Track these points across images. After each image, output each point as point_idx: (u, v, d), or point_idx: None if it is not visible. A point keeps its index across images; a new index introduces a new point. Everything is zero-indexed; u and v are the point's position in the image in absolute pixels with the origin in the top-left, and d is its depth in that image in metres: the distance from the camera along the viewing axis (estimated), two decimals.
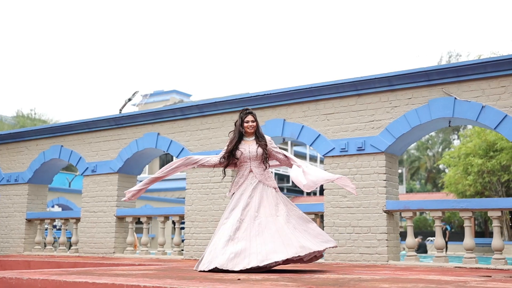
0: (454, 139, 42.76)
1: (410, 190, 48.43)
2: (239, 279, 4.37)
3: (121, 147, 10.46)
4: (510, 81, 7.06)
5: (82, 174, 10.95)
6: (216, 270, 5.24)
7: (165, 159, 36.79)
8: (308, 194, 40.97)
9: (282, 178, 38.25)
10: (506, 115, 6.98)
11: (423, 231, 30.42)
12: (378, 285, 3.95)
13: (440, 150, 45.21)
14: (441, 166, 40.35)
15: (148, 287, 3.79)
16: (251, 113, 5.94)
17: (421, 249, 23.45)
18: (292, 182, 36.83)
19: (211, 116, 9.48)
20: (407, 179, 49.48)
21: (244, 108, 6.03)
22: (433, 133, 45.90)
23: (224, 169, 6.06)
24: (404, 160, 48.70)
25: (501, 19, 66.14)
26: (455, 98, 7.37)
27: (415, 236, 25.71)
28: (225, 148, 5.98)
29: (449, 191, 25.93)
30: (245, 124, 5.91)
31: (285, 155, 5.95)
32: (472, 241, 7.23)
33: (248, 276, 4.74)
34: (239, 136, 5.91)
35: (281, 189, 38.59)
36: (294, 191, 40.52)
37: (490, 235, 26.58)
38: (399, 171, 49.24)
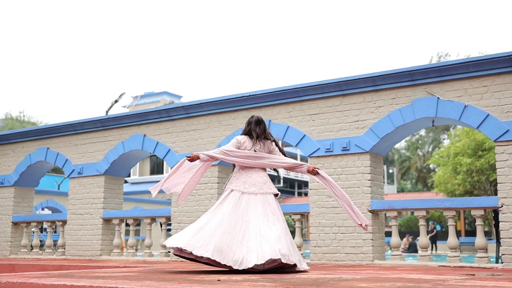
0: (444, 139, 42.97)
1: (401, 190, 48.64)
2: (219, 280, 4.36)
3: (108, 149, 10.43)
4: (492, 80, 7.10)
5: (69, 176, 10.90)
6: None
7: (156, 161, 36.73)
8: (299, 194, 41.01)
9: (272, 179, 38.26)
10: (488, 114, 7.01)
11: (414, 230, 30.52)
12: (357, 285, 3.96)
13: (430, 149, 45.43)
14: (431, 166, 40.55)
15: None
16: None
17: (412, 248, 23.58)
18: (283, 182, 36.80)
19: (197, 117, 9.47)
20: (398, 179, 49.66)
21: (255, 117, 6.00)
22: (423, 133, 46.12)
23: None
24: (395, 160, 48.90)
25: (491, 19, 66.58)
26: (438, 98, 7.40)
27: (405, 236, 25.85)
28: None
29: (439, 191, 26.08)
30: None
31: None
32: (455, 240, 7.27)
33: (229, 277, 4.74)
34: None
35: None
36: (285, 191, 40.56)
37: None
38: (390, 171, 49.49)
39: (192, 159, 5.83)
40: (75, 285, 4.05)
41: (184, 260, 6.12)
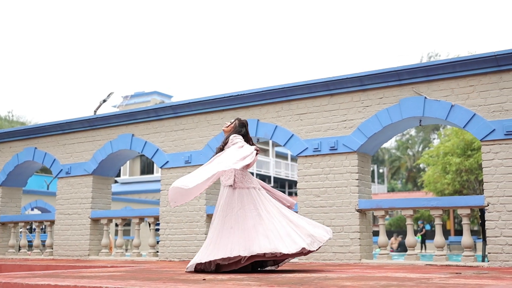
0: (434, 138, 43.18)
1: (391, 190, 48.82)
2: (204, 279, 4.36)
3: (96, 148, 10.38)
4: (478, 80, 7.14)
5: (56, 176, 10.84)
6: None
7: (146, 161, 36.60)
8: (290, 194, 41.01)
9: (263, 179, 38.22)
10: (475, 114, 7.05)
11: (404, 230, 30.65)
12: (341, 283, 3.97)
13: (420, 149, 45.64)
14: (421, 165, 40.75)
15: None
16: (235, 118, 6.16)
17: (401, 247, 23.69)
18: (273, 182, 36.76)
19: (185, 117, 9.46)
20: (388, 179, 49.83)
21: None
22: (413, 133, 46.33)
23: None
24: (385, 159, 49.08)
25: (482, 19, 66.99)
26: (425, 98, 7.43)
27: (393, 235, 25.94)
28: None
29: (428, 190, 26.21)
30: None
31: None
32: (442, 239, 7.31)
33: (214, 276, 4.74)
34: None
35: None
36: None
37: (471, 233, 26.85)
38: (380, 170, 49.64)
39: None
40: (59, 284, 4.04)
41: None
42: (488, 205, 6.83)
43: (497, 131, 6.88)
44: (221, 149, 5.87)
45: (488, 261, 6.85)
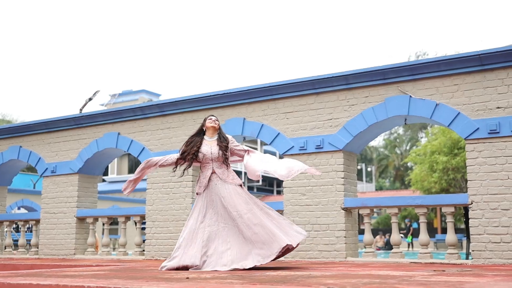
0: (421, 137, 43.43)
1: (379, 188, 49.01)
2: (187, 278, 4.35)
3: (81, 147, 10.32)
4: (463, 79, 7.19)
5: (42, 175, 10.76)
6: (185, 268, 5.51)
7: (134, 160, 36.48)
8: (278, 193, 41.08)
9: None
10: (459, 113, 7.10)
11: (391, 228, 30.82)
12: (324, 281, 3.98)
13: (407, 148, 45.89)
14: (408, 164, 40.97)
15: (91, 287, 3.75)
16: (213, 115, 6.24)
17: (389, 245, 23.81)
18: (262, 181, 36.75)
19: (172, 115, 9.43)
20: (376, 177, 50.04)
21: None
22: (401, 131, 46.55)
23: (186, 170, 6.15)
24: (374, 158, 49.29)
25: (473, 18, 67.42)
26: (410, 96, 7.47)
27: (378, 233, 26.05)
28: (183, 147, 6.09)
29: (416, 188, 26.38)
30: (208, 121, 6.06)
31: (247, 150, 6.08)
32: (427, 237, 7.36)
33: (198, 274, 4.73)
34: (201, 136, 6.06)
35: (251, 188, 38.65)
36: (264, 190, 40.60)
37: (457, 231, 27.06)
38: (369, 169, 49.83)
39: None
40: (41, 284, 4.01)
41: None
42: (472, 203, 6.88)
43: (481, 129, 6.93)
44: (226, 146, 5.92)
45: (472, 258, 6.90)
